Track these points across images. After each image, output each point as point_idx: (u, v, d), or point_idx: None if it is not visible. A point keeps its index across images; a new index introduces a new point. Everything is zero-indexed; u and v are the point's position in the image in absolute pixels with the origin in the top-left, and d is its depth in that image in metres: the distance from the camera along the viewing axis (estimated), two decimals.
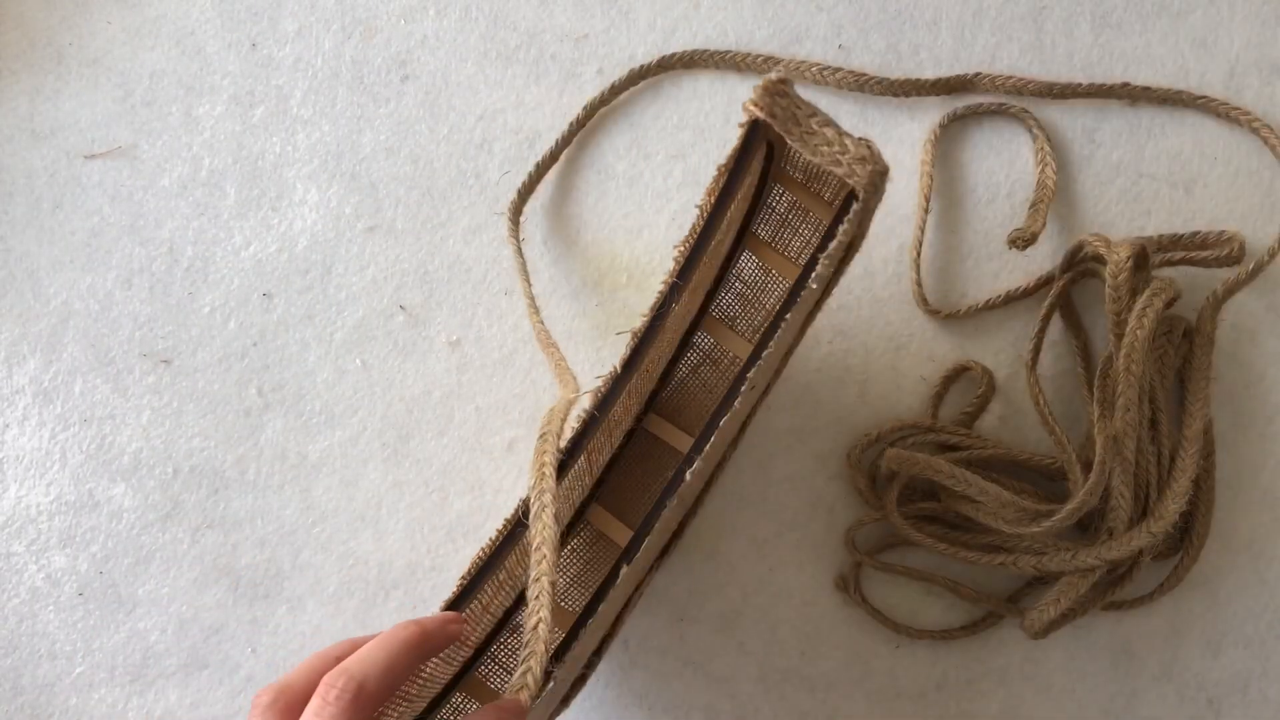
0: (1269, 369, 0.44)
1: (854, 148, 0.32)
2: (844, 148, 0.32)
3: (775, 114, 0.32)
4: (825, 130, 0.32)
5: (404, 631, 0.32)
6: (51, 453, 0.45)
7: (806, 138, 0.32)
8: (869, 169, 0.32)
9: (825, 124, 0.32)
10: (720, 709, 0.43)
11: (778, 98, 0.32)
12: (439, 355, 0.45)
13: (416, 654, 0.32)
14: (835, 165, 0.32)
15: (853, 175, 0.32)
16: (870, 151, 0.32)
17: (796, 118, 0.32)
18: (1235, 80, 0.45)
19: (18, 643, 0.44)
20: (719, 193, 0.34)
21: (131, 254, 0.46)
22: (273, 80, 0.46)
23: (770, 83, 0.32)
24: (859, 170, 0.32)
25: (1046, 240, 0.45)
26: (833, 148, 0.32)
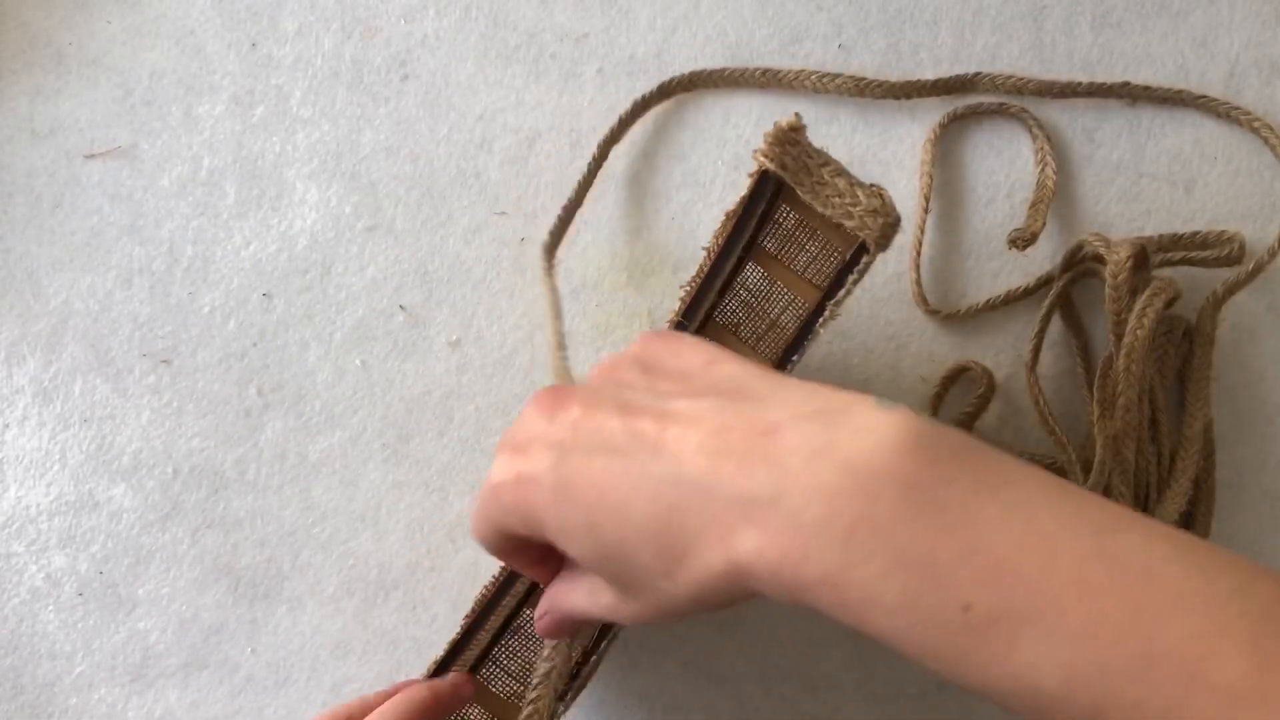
0: (1269, 369, 0.44)
1: (866, 199, 0.31)
2: (855, 199, 0.31)
3: (786, 165, 0.31)
4: (837, 181, 0.31)
5: (418, 694, 0.33)
6: (51, 453, 0.45)
7: (818, 189, 0.31)
8: (881, 222, 0.31)
9: (837, 174, 0.32)
10: (720, 709, 0.43)
11: (788, 146, 0.31)
12: (439, 355, 0.45)
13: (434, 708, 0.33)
14: (846, 218, 0.31)
15: (864, 229, 0.31)
16: (883, 202, 0.31)
17: (808, 168, 0.31)
18: (1235, 80, 0.45)
19: (18, 643, 0.44)
20: (727, 237, 0.34)
21: (131, 254, 0.46)
22: (273, 80, 0.46)
23: (781, 131, 0.31)
24: (870, 223, 0.31)
25: (1046, 240, 0.45)
26: (844, 199, 0.31)
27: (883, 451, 0.23)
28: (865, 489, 0.22)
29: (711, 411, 0.25)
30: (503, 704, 0.38)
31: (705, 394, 0.26)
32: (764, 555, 0.23)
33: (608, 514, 0.25)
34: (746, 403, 0.25)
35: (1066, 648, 0.21)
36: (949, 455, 0.23)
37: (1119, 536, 0.22)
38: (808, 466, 0.23)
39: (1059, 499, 0.23)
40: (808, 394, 0.25)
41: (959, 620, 0.22)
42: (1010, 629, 0.22)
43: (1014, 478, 0.23)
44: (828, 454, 0.23)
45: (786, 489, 0.23)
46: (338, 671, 0.44)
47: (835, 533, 0.22)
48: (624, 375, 0.28)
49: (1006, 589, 0.22)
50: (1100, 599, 0.21)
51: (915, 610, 0.22)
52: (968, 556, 0.22)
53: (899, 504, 0.22)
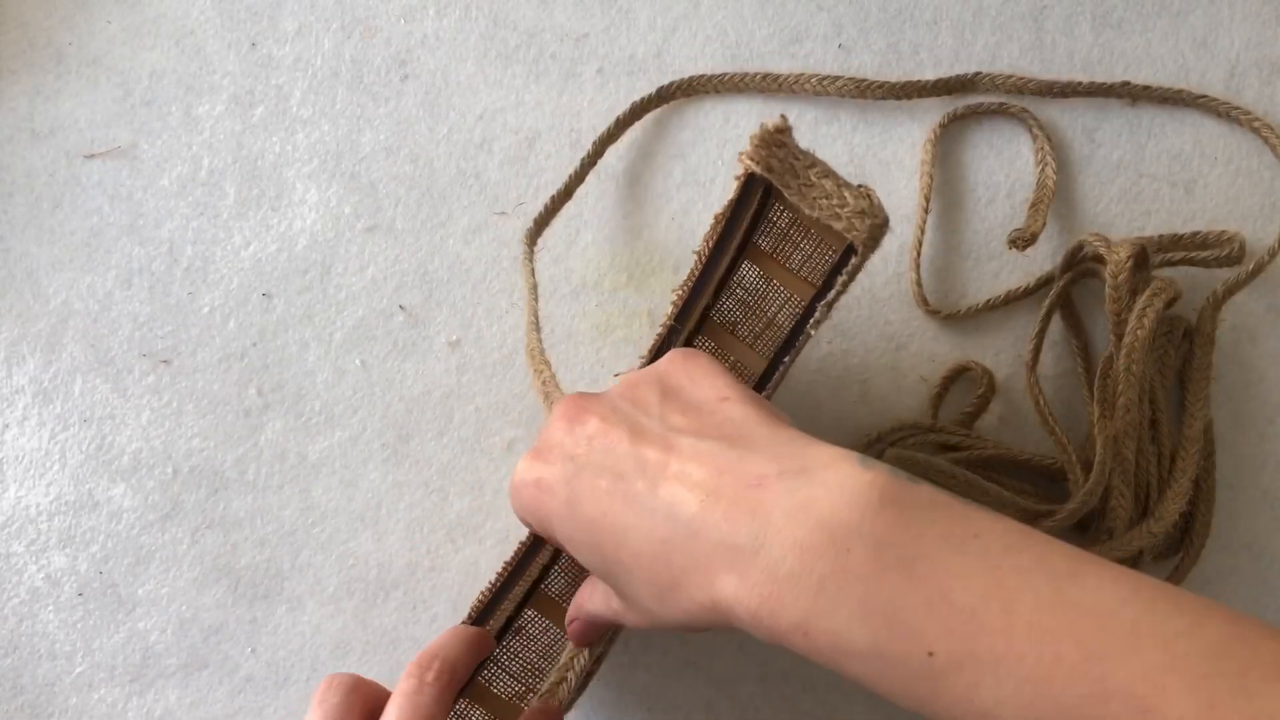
0: (1269, 369, 0.44)
1: (853, 200, 0.31)
2: (843, 200, 0.31)
3: (772, 167, 0.31)
4: (824, 182, 0.31)
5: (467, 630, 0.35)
6: (51, 453, 0.45)
7: (804, 190, 0.31)
8: (868, 223, 0.31)
9: (824, 175, 0.31)
10: (721, 709, 0.43)
11: (774, 149, 0.31)
12: (439, 355, 0.45)
13: (478, 652, 0.35)
14: (834, 219, 0.31)
15: (852, 230, 0.31)
16: (870, 204, 0.31)
17: (794, 169, 0.31)
18: (1235, 80, 0.45)
19: (18, 643, 0.44)
20: (716, 240, 0.34)
21: (131, 254, 0.46)
22: (272, 80, 0.46)
23: (767, 133, 0.31)
24: (858, 225, 0.31)
25: (1046, 240, 0.45)
26: (831, 201, 0.31)
27: (856, 510, 0.24)
28: (837, 545, 0.24)
29: (710, 455, 0.27)
30: (505, 705, 0.38)
31: (709, 434, 0.27)
32: (743, 601, 0.25)
33: (608, 536, 0.28)
34: (743, 450, 0.27)
35: (1024, 690, 0.23)
36: (918, 512, 0.25)
37: (1077, 582, 0.23)
38: (788, 521, 0.25)
39: (1021, 549, 0.24)
40: (799, 449, 0.26)
41: (924, 666, 0.23)
42: (972, 674, 0.23)
43: (980, 530, 0.25)
44: (806, 510, 0.25)
45: (767, 541, 0.25)
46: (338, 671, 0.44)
47: (808, 585, 0.24)
48: (643, 395, 0.30)
49: (968, 637, 0.23)
50: (1056, 643, 0.23)
51: (882, 657, 0.24)
52: (932, 607, 0.23)
53: (868, 559, 0.24)
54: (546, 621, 0.39)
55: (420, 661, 0.32)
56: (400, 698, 0.31)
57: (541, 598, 0.39)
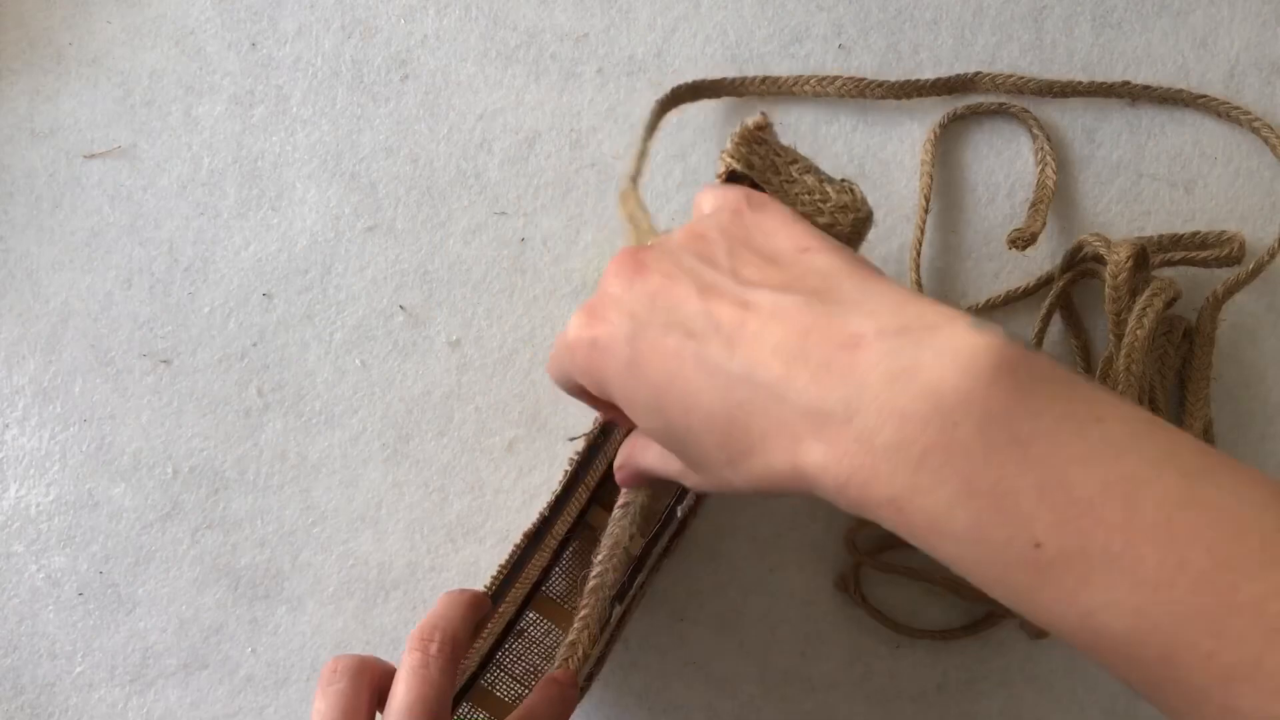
0: (1269, 369, 0.44)
1: (835, 195, 0.31)
2: (825, 195, 0.31)
3: (753, 164, 0.31)
4: (806, 178, 0.31)
5: (463, 594, 0.34)
6: (51, 453, 0.45)
7: (786, 187, 0.31)
8: (851, 217, 0.31)
9: (806, 170, 0.31)
10: (720, 709, 0.43)
11: (755, 145, 0.31)
12: (439, 355, 0.45)
13: (476, 615, 0.34)
14: (817, 214, 0.31)
15: (836, 225, 0.31)
16: (854, 197, 0.31)
17: (776, 166, 0.31)
18: (1235, 80, 0.45)
19: (18, 643, 0.44)
20: None
21: (131, 254, 0.46)
22: (273, 80, 0.46)
23: (747, 130, 0.31)
24: (841, 219, 0.31)
25: (1046, 240, 0.45)
26: (814, 196, 0.31)
27: (966, 378, 0.22)
28: (943, 416, 0.21)
29: (794, 310, 0.24)
30: (507, 707, 0.38)
31: (791, 288, 0.25)
32: (830, 470, 0.23)
33: (676, 399, 0.25)
34: (833, 306, 0.24)
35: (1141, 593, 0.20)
36: (1036, 385, 0.22)
37: (1210, 481, 0.21)
38: (887, 388, 0.22)
39: (1149, 438, 0.22)
40: (898, 304, 0.24)
41: (1028, 557, 0.21)
42: (1082, 570, 0.21)
43: (1104, 413, 0.22)
44: (908, 377, 0.22)
45: (862, 408, 0.22)
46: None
47: (907, 458, 0.22)
48: (710, 248, 0.27)
49: (1083, 530, 0.21)
50: (1183, 546, 0.20)
51: (982, 542, 0.22)
52: (1045, 493, 0.21)
53: (977, 434, 0.21)
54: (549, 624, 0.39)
55: (422, 634, 0.31)
56: (407, 673, 0.31)
57: (543, 599, 0.39)
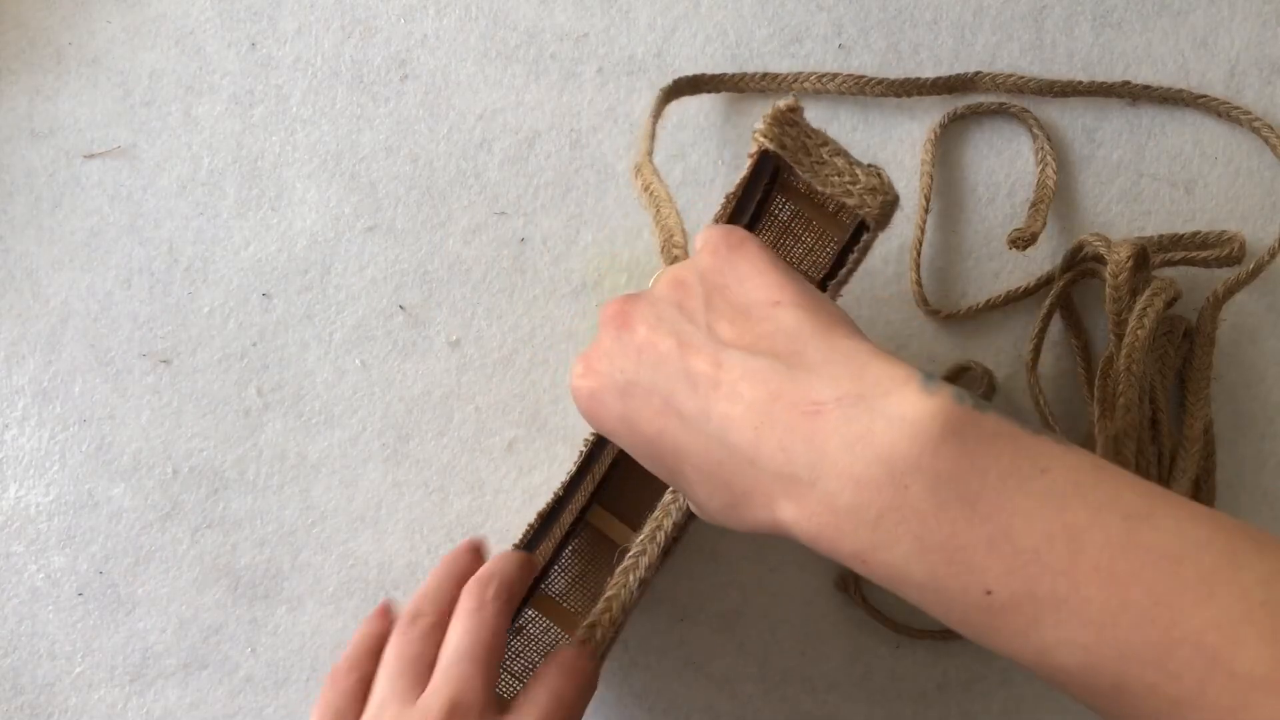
0: (1269, 369, 0.44)
1: (865, 178, 0.31)
2: (855, 178, 0.31)
3: (785, 144, 0.31)
4: (836, 160, 0.32)
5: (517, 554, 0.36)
6: (51, 453, 0.45)
7: (817, 168, 0.32)
8: (880, 199, 0.31)
9: (836, 153, 0.32)
10: (720, 709, 0.43)
11: (787, 127, 0.31)
12: (439, 355, 0.45)
13: (530, 574, 0.36)
14: (846, 196, 0.32)
15: (864, 206, 0.32)
16: (881, 181, 0.31)
17: (807, 147, 0.32)
18: (1235, 80, 0.45)
19: (18, 643, 0.44)
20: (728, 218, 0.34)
21: (131, 254, 0.46)
22: (272, 80, 0.46)
23: (780, 111, 0.31)
24: (870, 201, 0.31)
25: (1046, 240, 0.45)
26: (843, 178, 0.31)
27: (915, 444, 0.23)
28: (895, 480, 0.23)
29: (762, 374, 0.26)
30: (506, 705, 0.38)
31: (759, 350, 0.26)
32: (802, 526, 0.25)
33: (668, 452, 0.28)
34: (797, 371, 0.25)
35: (1089, 631, 0.22)
36: (982, 445, 0.23)
37: (1150, 524, 0.22)
38: (845, 454, 0.24)
39: (1093, 485, 0.23)
40: (857, 369, 0.25)
41: (982, 603, 0.23)
42: (1032, 612, 0.22)
43: (1049, 464, 0.23)
44: (863, 443, 0.24)
45: (823, 473, 0.24)
46: None
47: (865, 519, 0.24)
48: (688, 298, 0.28)
49: (1030, 577, 0.22)
50: (1124, 587, 0.22)
51: (939, 590, 0.23)
52: (993, 545, 0.23)
53: (927, 495, 0.23)
54: (547, 621, 0.39)
55: (480, 579, 0.33)
56: (465, 616, 0.33)
57: (542, 597, 0.39)
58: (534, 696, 0.32)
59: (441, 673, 0.32)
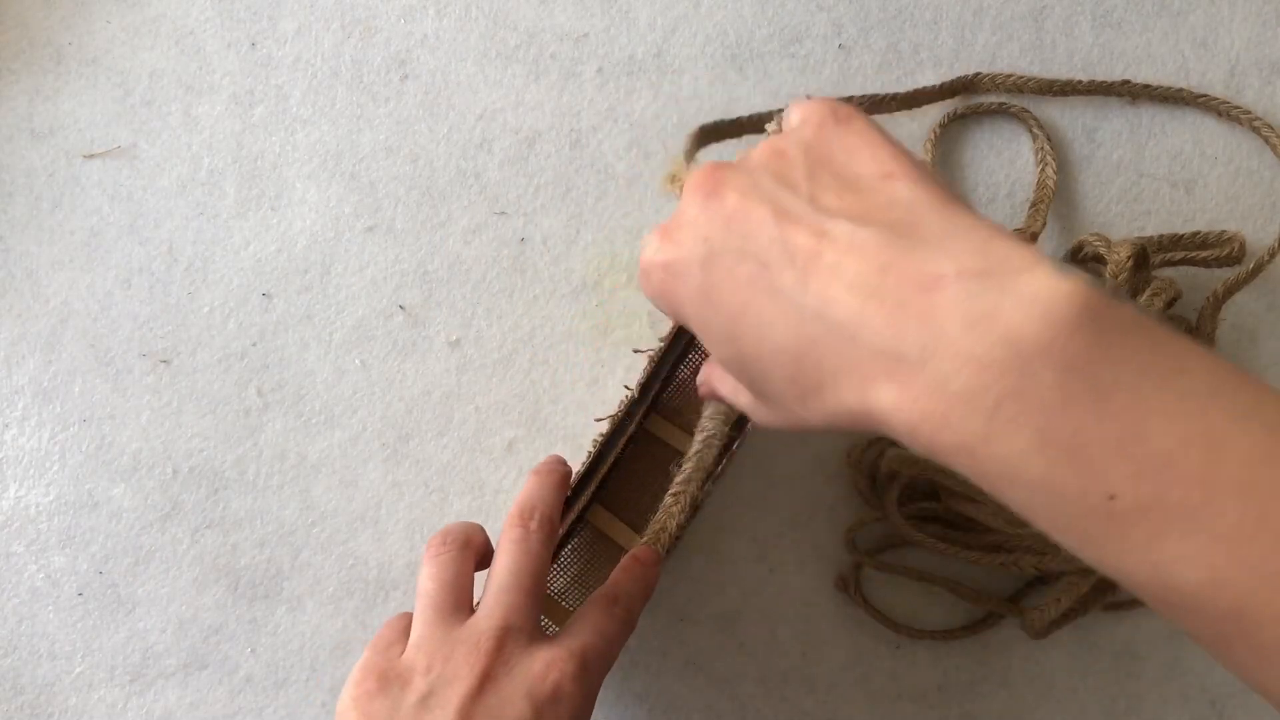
0: (1269, 369, 0.44)
1: None
2: None
3: None
4: None
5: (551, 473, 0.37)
6: (51, 453, 0.45)
7: None
8: None
9: None
10: (721, 709, 0.43)
11: None
12: (439, 355, 0.45)
13: (565, 493, 0.37)
14: None
15: None
16: None
17: None
18: (1236, 79, 0.45)
19: (18, 643, 0.44)
20: None
21: (131, 254, 0.46)
22: (272, 80, 0.46)
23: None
24: None
25: (1046, 240, 0.45)
26: None
27: (1047, 327, 0.21)
28: (1021, 365, 0.21)
29: (872, 244, 0.23)
30: None
31: (870, 219, 0.24)
32: (901, 412, 0.22)
33: (748, 329, 0.25)
34: (913, 242, 0.23)
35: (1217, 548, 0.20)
36: (1118, 336, 0.21)
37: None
38: (965, 333, 0.21)
39: (1234, 391, 0.21)
40: (981, 244, 0.22)
41: (1102, 508, 0.21)
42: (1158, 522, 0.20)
43: (1188, 364, 0.21)
44: (988, 323, 0.21)
45: (937, 352, 0.21)
46: (338, 671, 0.44)
47: (981, 405, 0.21)
48: (789, 168, 0.26)
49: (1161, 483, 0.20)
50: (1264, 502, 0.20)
51: (1055, 492, 0.21)
52: (1123, 445, 0.21)
53: (1055, 384, 0.21)
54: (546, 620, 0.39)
55: (522, 511, 0.34)
56: (510, 545, 0.34)
57: None
58: (577, 629, 0.33)
59: (492, 597, 0.33)
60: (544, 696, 0.31)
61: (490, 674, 0.31)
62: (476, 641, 0.32)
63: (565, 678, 0.31)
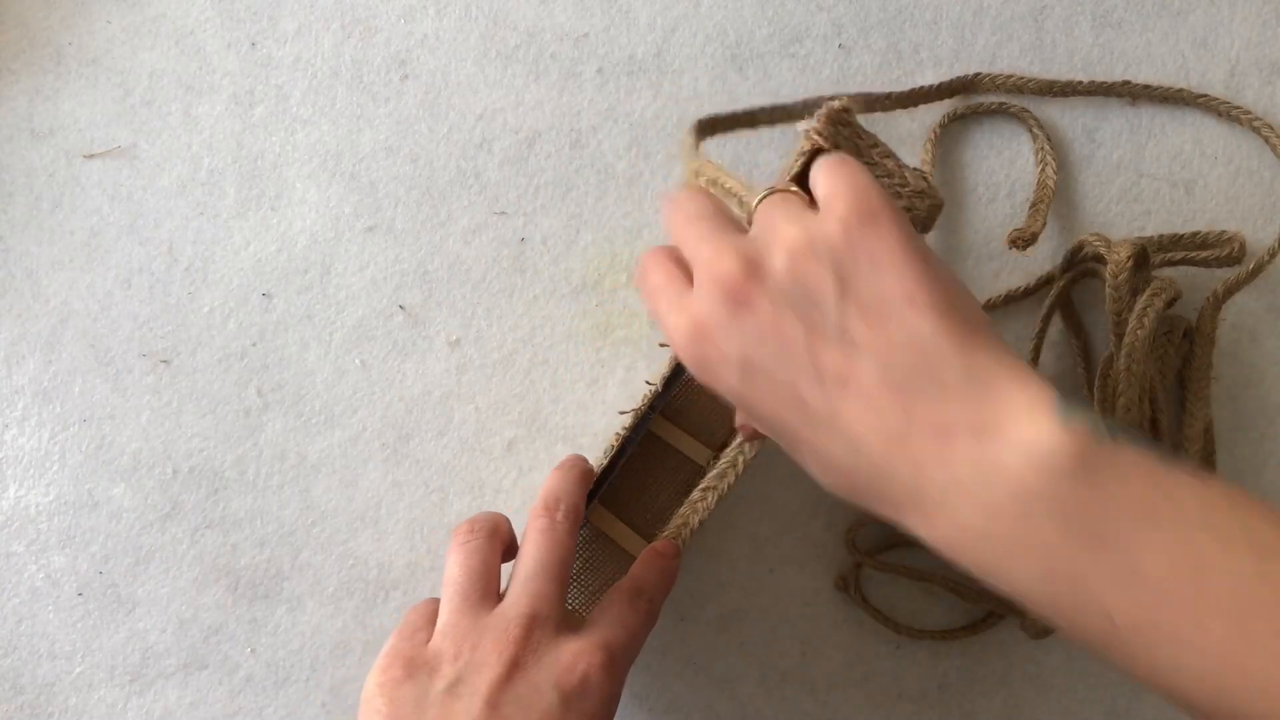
0: (1269, 369, 0.44)
1: (914, 180, 0.32)
2: (904, 180, 0.32)
3: (839, 144, 0.32)
4: (886, 162, 0.32)
5: (574, 468, 0.38)
6: (51, 453, 0.45)
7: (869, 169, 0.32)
8: (928, 203, 0.32)
9: (886, 155, 0.32)
10: (721, 709, 0.43)
11: (840, 127, 0.32)
12: (439, 355, 0.45)
13: (588, 487, 0.38)
14: (896, 198, 0.32)
15: (913, 208, 0.32)
16: (929, 185, 0.32)
17: (859, 148, 0.32)
18: (1236, 80, 0.45)
19: (18, 643, 0.44)
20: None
21: (131, 254, 0.46)
22: (272, 79, 0.46)
23: (834, 111, 0.32)
24: (919, 204, 0.32)
25: (1046, 240, 0.45)
26: (893, 180, 0.32)
27: (1049, 479, 0.23)
28: (1026, 514, 0.24)
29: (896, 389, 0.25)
30: None
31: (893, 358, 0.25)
32: (928, 536, 0.26)
33: (786, 436, 0.28)
34: (932, 388, 0.25)
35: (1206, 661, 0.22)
36: (1115, 479, 0.24)
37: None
38: (976, 481, 0.24)
39: (1225, 519, 0.23)
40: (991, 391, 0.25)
41: (1103, 625, 0.24)
42: (1151, 639, 0.23)
43: (1181, 496, 0.24)
44: (996, 474, 0.24)
45: (955, 497, 0.24)
46: (338, 671, 0.44)
47: (992, 544, 0.24)
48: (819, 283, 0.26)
49: (1153, 606, 0.23)
50: (1250, 620, 0.22)
51: (1061, 614, 0.24)
52: (1118, 576, 0.23)
53: (1056, 530, 0.23)
54: None
55: (547, 502, 0.35)
56: (537, 535, 0.34)
57: None
58: (604, 622, 0.34)
59: (520, 585, 0.33)
60: (572, 687, 0.31)
61: (519, 661, 0.31)
62: (505, 629, 0.32)
63: (594, 669, 0.32)
